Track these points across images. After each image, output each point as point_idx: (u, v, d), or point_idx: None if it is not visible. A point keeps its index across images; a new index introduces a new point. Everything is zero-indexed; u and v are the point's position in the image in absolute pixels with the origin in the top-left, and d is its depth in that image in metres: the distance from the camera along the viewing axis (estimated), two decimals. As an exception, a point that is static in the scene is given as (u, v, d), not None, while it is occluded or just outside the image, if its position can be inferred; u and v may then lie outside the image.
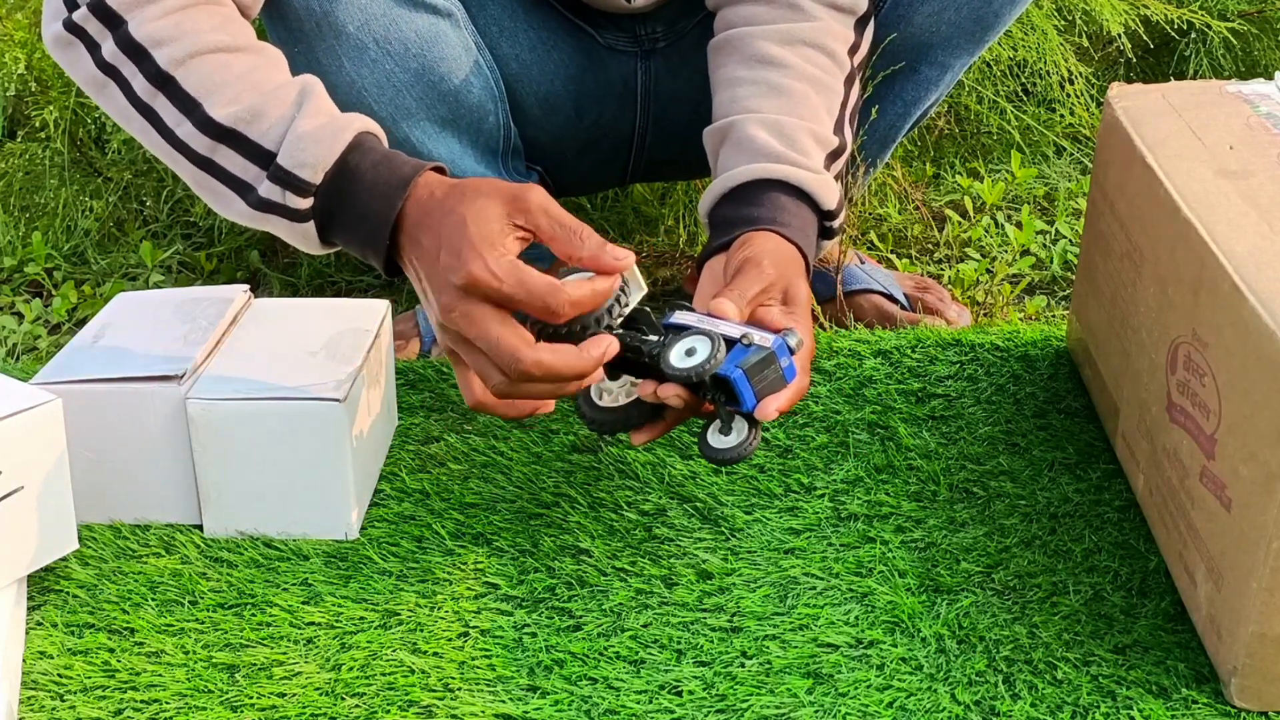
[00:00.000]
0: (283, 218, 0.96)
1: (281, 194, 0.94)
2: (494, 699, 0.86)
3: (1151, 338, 0.96)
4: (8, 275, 1.58)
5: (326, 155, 0.93)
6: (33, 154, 1.66)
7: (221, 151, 0.95)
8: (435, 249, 0.89)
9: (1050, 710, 0.83)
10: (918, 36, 1.24)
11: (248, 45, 0.98)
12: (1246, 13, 1.84)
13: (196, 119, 0.95)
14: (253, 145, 0.94)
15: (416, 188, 0.93)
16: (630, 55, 1.29)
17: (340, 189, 0.94)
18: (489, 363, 0.89)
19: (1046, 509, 1.02)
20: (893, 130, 1.31)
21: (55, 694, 0.87)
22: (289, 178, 0.94)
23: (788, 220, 1.04)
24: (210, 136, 0.95)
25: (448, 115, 1.17)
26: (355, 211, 0.94)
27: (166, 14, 0.96)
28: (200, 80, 0.95)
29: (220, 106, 0.95)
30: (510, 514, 1.04)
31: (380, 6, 1.09)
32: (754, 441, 0.94)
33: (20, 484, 0.92)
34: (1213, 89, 1.08)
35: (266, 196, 0.95)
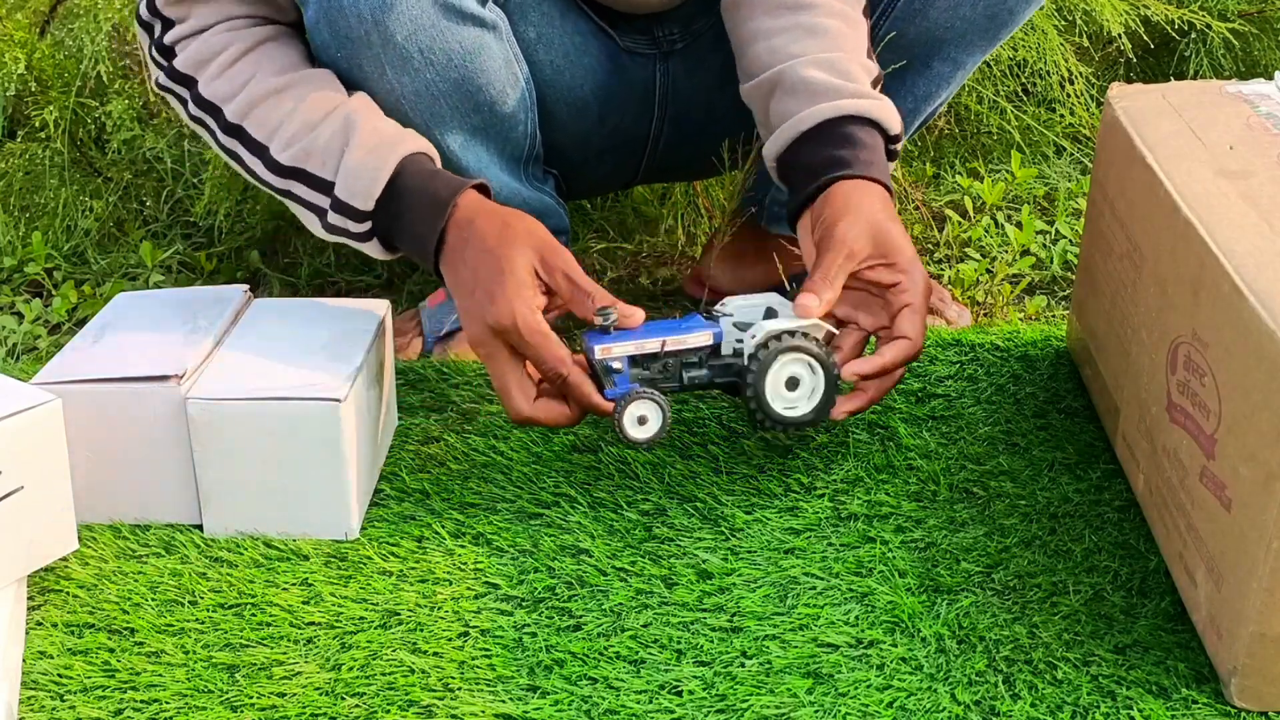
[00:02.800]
0: (350, 239, 1.08)
1: (344, 221, 1.07)
2: (494, 699, 0.86)
3: (1151, 338, 0.96)
4: (8, 275, 1.58)
5: (373, 185, 1.04)
6: (33, 154, 1.66)
7: (294, 185, 1.08)
8: (471, 283, 1.01)
9: (1050, 710, 0.83)
10: (932, 32, 1.24)
11: (294, 80, 1.09)
12: (1246, 13, 1.83)
13: (267, 162, 1.08)
14: (315, 178, 1.07)
15: (456, 209, 1.04)
16: (649, 58, 1.30)
17: (391, 211, 1.05)
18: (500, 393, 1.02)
19: (1046, 509, 1.02)
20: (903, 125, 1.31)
21: (55, 694, 0.87)
22: (345, 207, 1.06)
23: (868, 158, 1.08)
24: (281, 176, 1.08)
25: (480, 125, 1.17)
26: (406, 231, 1.05)
27: (223, 70, 1.09)
28: (260, 126, 1.08)
29: (281, 149, 1.07)
30: (510, 514, 1.04)
31: (430, 17, 1.09)
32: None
33: (20, 484, 0.92)
34: (1213, 89, 1.08)
35: (334, 223, 1.07)
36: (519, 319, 0.99)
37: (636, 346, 1.00)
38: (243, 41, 1.10)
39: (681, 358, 1.01)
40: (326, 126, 1.06)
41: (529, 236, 1.02)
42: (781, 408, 1.00)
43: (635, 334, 1.01)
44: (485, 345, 1.00)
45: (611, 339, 1.00)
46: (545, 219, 1.28)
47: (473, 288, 1.00)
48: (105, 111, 1.60)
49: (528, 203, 1.25)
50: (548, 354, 0.99)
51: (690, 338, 1.01)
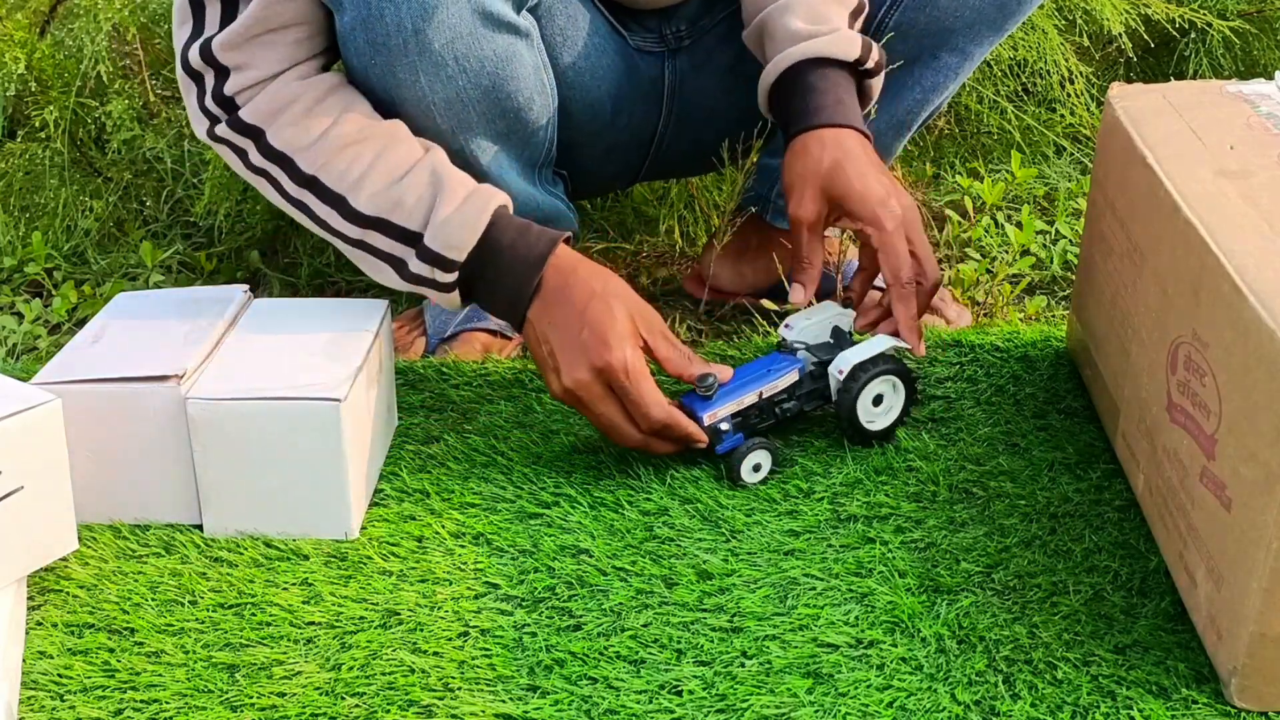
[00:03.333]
0: (431, 289, 1.09)
1: (430, 271, 1.07)
2: (494, 699, 0.86)
3: (1151, 338, 0.96)
4: (8, 275, 1.58)
5: (469, 238, 1.06)
6: (33, 154, 1.66)
7: (371, 235, 1.08)
8: (578, 325, 1.04)
9: (1050, 710, 0.83)
10: (941, 21, 1.24)
11: (374, 132, 1.08)
12: (1246, 12, 1.83)
13: (344, 212, 1.08)
14: (398, 229, 1.07)
15: (556, 257, 1.06)
16: (657, 55, 1.30)
17: (483, 263, 1.07)
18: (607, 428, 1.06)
19: (1046, 509, 1.02)
20: (910, 116, 1.31)
21: (55, 694, 0.87)
22: (437, 259, 1.06)
23: (817, 103, 1.12)
24: (359, 225, 1.08)
25: (504, 130, 1.17)
26: (497, 282, 1.07)
27: (297, 121, 1.08)
28: (339, 178, 1.07)
29: (363, 200, 1.07)
30: (510, 514, 1.04)
31: (467, 25, 1.09)
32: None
33: (20, 484, 0.92)
34: (1213, 89, 1.08)
35: (417, 273, 1.08)
36: (631, 361, 1.03)
37: (738, 404, 1.07)
38: (315, 91, 1.09)
39: (773, 398, 1.09)
40: (413, 179, 1.07)
41: (628, 293, 1.07)
42: (871, 423, 1.10)
43: (732, 389, 1.07)
44: (588, 388, 1.04)
45: (715, 404, 1.06)
46: (556, 223, 1.29)
47: (579, 330, 1.03)
48: (105, 111, 1.60)
49: (540, 207, 1.25)
50: (653, 398, 1.04)
51: (781, 380, 1.09)
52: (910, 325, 1.09)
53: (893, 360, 1.08)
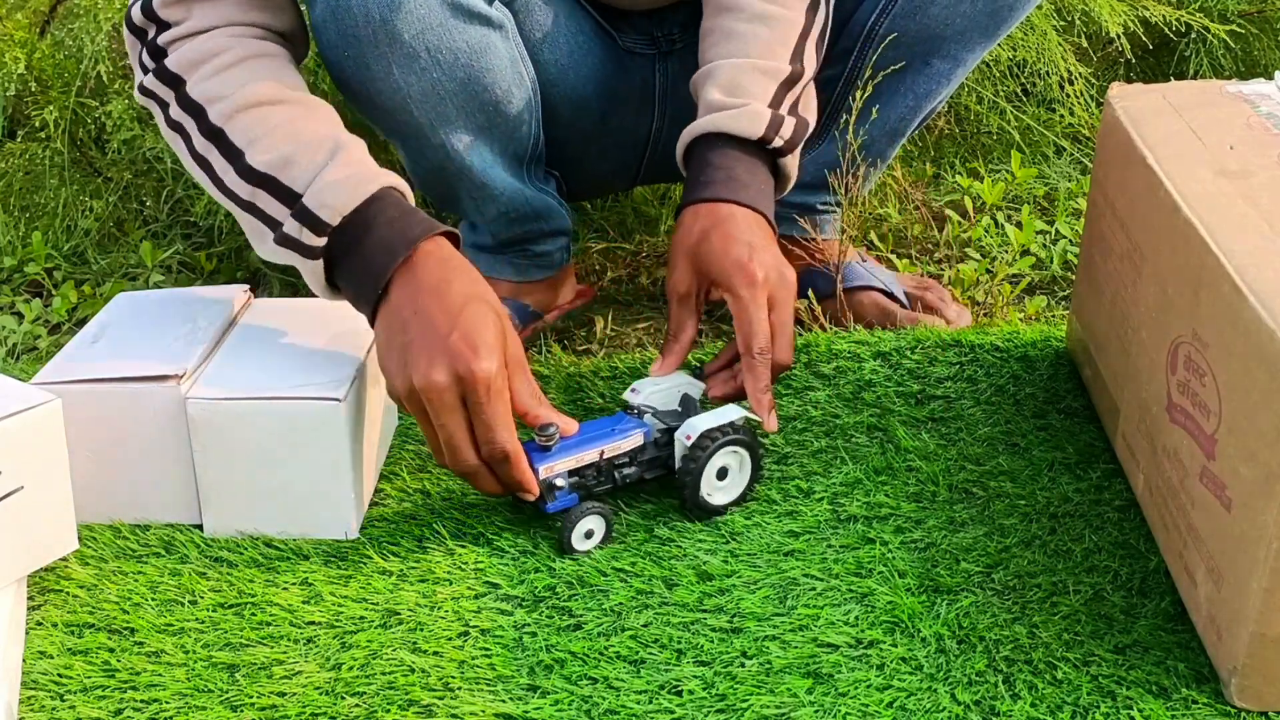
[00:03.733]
0: (297, 253, 1.01)
1: (299, 230, 1.00)
2: (494, 698, 0.86)
3: (1151, 338, 0.96)
4: (8, 275, 1.58)
5: (347, 201, 0.99)
6: (33, 154, 1.66)
7: (260, 195, 1.02)
8: (446, 325, 0.95)
9: (1050, 710, 0.83)
10: (932, 29, 1.24)
11: (290, 98, 1.04)
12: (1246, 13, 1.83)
13: (239, 167, 1.02)
14: (283, 188, 1.01)
15: (437, 247, 0.99)
16: (649, 58, 1.30)
17: (352, 235, 1.00)
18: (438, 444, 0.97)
19: (1046, 509, 1.02)
20: (903, 123, 1.31)
21: (55, 694, 0.87)
22: (309, 216, 1.00)
23: (708, 177, 1.10)
24: (250, 182, 1.02)
25: (485, 124, 1.17)
26: (360, 257, 1.00)
27: (218, 72, 1.04)
28: (243, 132, 1.03)
29: (258, 155, 1.02)
30: (510, 514, 1.04)
31: (437, 16, 1.09)
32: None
33: (20, 484, 0.92)
34: (1213, 89, 1.08)
35: (288, 233, 1.01)
36: (496, 378, 0.95)
37: (577, 460, 1.01)
38: (243, 48, 1.06)
39: (614, 460, 1.03)
40: (314, 145, 1.02)
41: (505, 312, 1.00)
42: (710, 496, 1.03)
43: (572, 444, 1.01)
44: (441, 394, 0.94)
45: (553, 456, 1.00)
46: (549, 219, 1.29)
47: (448, 329, 0.95)
48: (105, 111, 1.60)
49: (530, 202, 1.25)
50: (505, 422, 0.96)
51: (624, 442, 1.02)
52: (759, 397, 1.04)
53: (743, 431, 1.02)
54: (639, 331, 1.40)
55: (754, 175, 1.11)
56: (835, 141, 1.33)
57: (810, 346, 1.22)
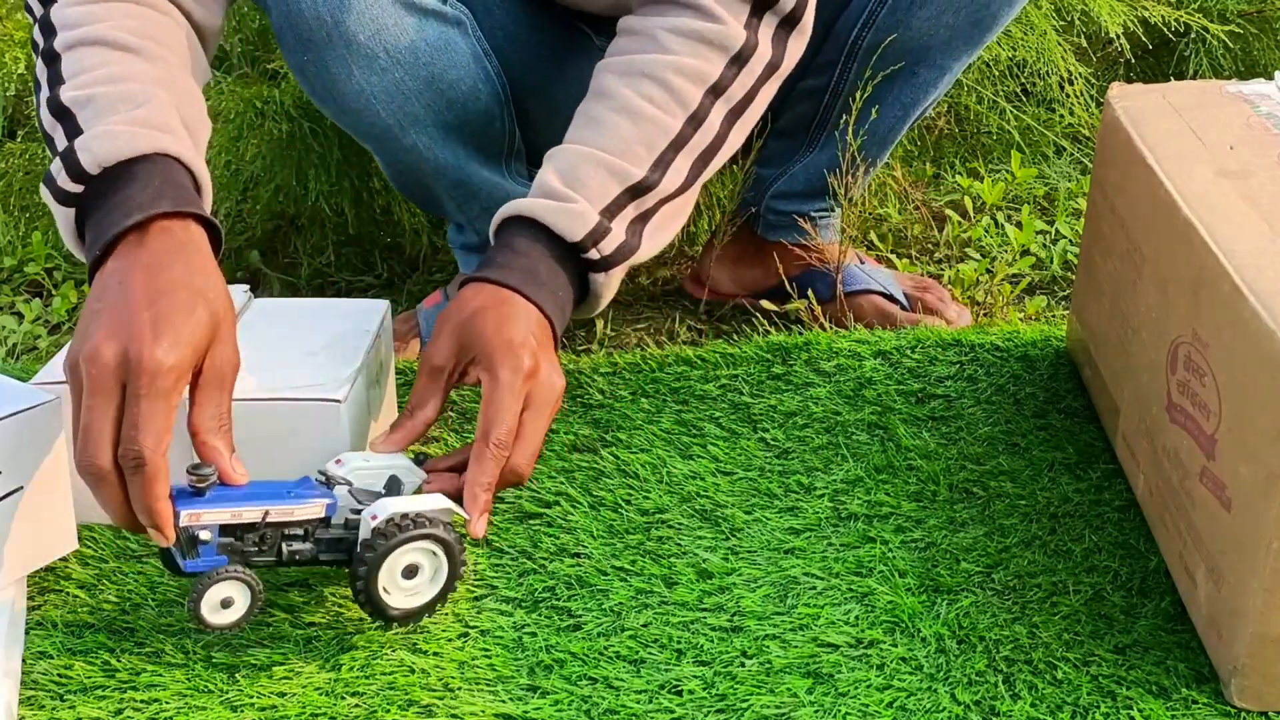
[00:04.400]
0: (51, 196, 0.93)
1: (59, 171, 0.92)
2: (494, 699, 0.86)
3: (1151, 338, 0.96)
4: (8, 275, 1.58)
5: (112, 153, 0.90)
6: (33, 154, 1.66)
7: (58, 129, 0.94)
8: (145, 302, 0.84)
9: (1050, 710, 0.83)
10: (916, 40, 1.24)
11: (142, 48, 0.96)
12: (1246, 13, 1.83)
13: (52, 96, 0.95)
14: (76, 128, 0.93)
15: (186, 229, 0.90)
16: None
17: (105, 189, 0.91)
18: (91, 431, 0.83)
19: (1046, 509, 1.02)
20: (892, 131, 1.31)
21: (55, 694, 0.87)
22: (72, 159, 0.91)
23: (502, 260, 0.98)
24: (53, 114, 0.95)
25: (454, 121, 1.17)
26: (102, 212, 0.90)
27: (82, 2, 0.98)
28: (72, 65, 0.96)
29: (71, 90, 0.95)
30: (510, 514, 1.04)
31: (391, 16, 1.09)
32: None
33: (20, 484, 0.92)
34: (1213, 89, 1.08)
35: (50, 171, 0.93)
36: (167, 375, 0.82)
37: (233, 515, 0.85)
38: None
39: (283, 529, 0.88)
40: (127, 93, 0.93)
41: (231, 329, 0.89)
42: (388, 594, 0.88)
43: (233, 497, 0.86)
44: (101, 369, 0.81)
45: (204, 502, 0.85)
46: None
47: (144, 307, 0.84)
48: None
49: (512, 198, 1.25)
50: (156, 428, 0.81)
51: (299, 508, 0.88)
52: (476, 492, 0.89)
53: (445, 528, 0.88)
54: (638, 331, 1.40)
55: (554, 279, 0.99)
56: (825, 149, 1.33)
57: (811, 344, 1.22)
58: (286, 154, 1.46)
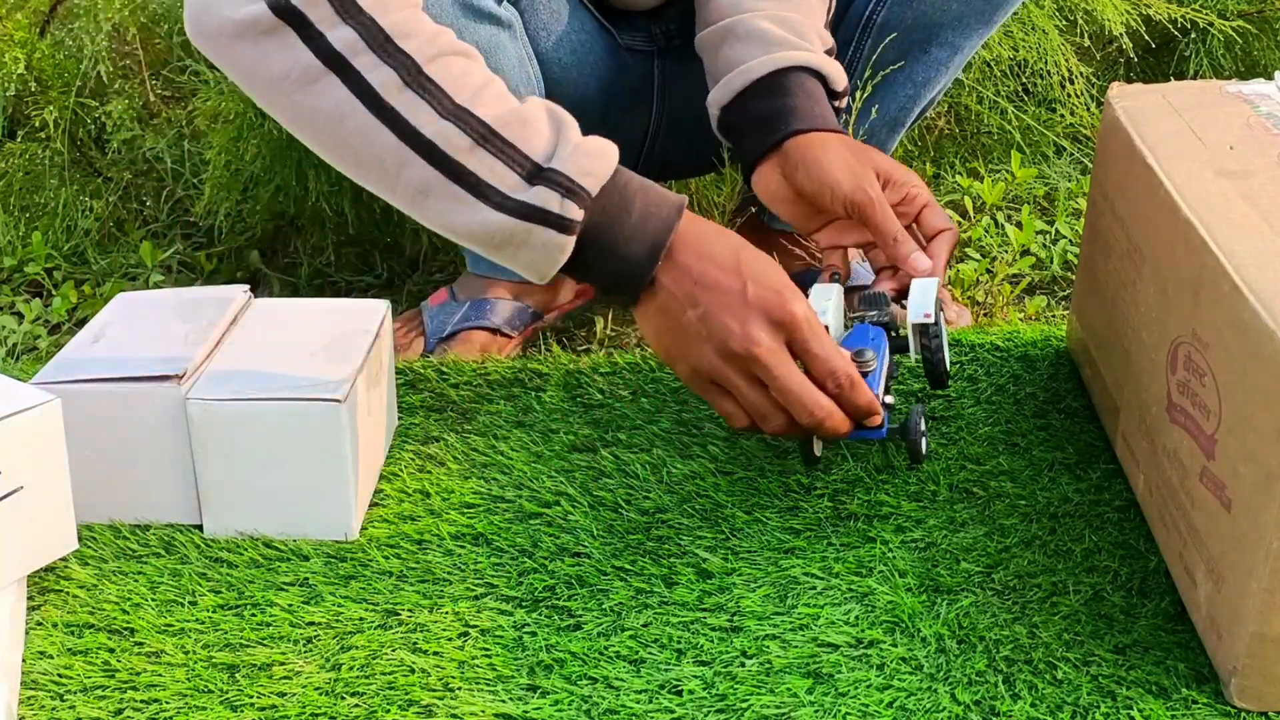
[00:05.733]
0: (550, 228, 0.91)
1: (560, 203, 0.91)
2: (494, 698, 0.86)
3: (1151, 338, 0.96)
4: (8, 275, 1.58)
5: (604, 168, 0.92)
6: (33, 154, 1.66)
7: (480, 155, 0.90)
8: (737, 282, 0.92)
9: (1050, 710, 0.83)
10: (929, 16, 1.24)
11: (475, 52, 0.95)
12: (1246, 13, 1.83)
13: (459, 119, 0.90)
14: (521, 155, 0.91)
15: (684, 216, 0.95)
16: (647, 55, 1.30)
17: (610, 207, 0.92)
18: (773, 405, 0.94)
19: (1046, 509, 1.02)
20: (903, 113, 1.31)
21: (55, 694, 0.87)
22: (572, 186, 0.91)
23: (823, 111, 1.08)
24: (473, 137, 0.90)
25: None
26: (625, 231, 0.92)
27: (406, 7, 0.91)
28: (456, 79, 0.90)
29: (485, 108, 0.91)
30: (510, 514, 1.04)
31: (449, 17, 1.08)
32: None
33: (20, 484, 0.92)
34: (1213, 89, 1.08)
35: (539, 204, 0.91)
36: (809, 311, 0.93)
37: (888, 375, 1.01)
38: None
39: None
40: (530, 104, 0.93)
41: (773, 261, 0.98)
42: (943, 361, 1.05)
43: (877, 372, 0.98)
44: (772, 348, 0.92)
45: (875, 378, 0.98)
46: None
47: (740, 286, 0.92)
48: (105, 111, 1.61)
49: None
50: (837, 349, 0.93)
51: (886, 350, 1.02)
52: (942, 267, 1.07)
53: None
54: (639, 331, 1.40)
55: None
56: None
57: (810, 346, 1.22)
58: (286, 154, 1.46)
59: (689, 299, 0.92)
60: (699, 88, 1.31)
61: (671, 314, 0.93)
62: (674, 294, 0.93)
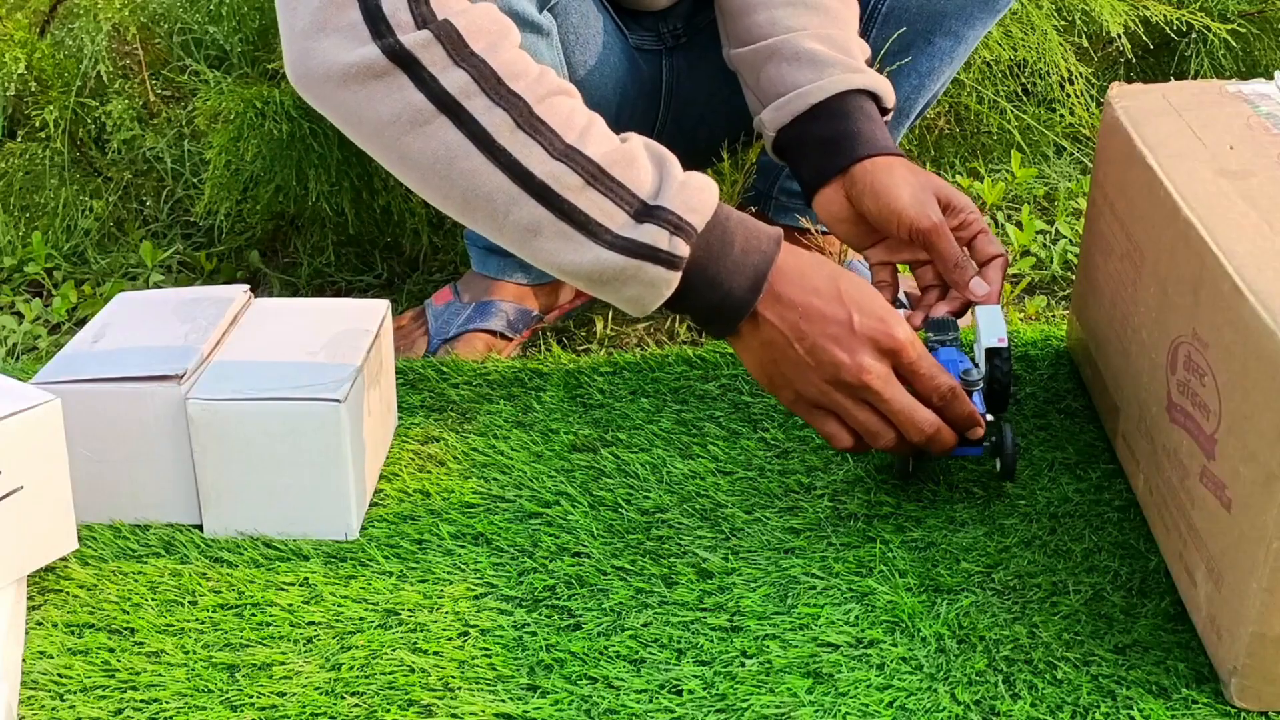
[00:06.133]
0: (658, 265, 0.92)
1: (669, 240, 0.91)
2: (494, 698, 0.86)
3: (1151, 338, 0.96)
4: (8, 275, 1.58)
5: (707, 203, 0.93)
6: (33, 154, 1.66)
7: (589, 194, 0.91)
8: (843, 312, 0.94)
9: (1050, 710, 0.83)
10: (933, 5, 1.24)
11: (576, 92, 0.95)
12: (1247, 13, 1.83)
13: (570, 159, 0.90)
14: (629, 193, 0.91)
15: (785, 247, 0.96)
16: (656, 54, 1.30)
17: (714, 241, 0.93)
18: (883, 423, 0.96)
19: (1046, 509, 1.02)
20: (908, 104, 1.32)
21: (55, 694, 0.87)
22: (680, 222, 0.91)
23: (884, 134, 1.10)
24: (583, 176, 0.91)
25: None
26: (728, 263, 0.93)
27: (513, 46, 0.91)
28: (565, 120, 0.91)
29: (594, 147, 0.91)
30: (510, 514, 1.04)
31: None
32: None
33: (20, 484, 0.92)
34: (1213, 89, 1.08)
35: (648, 242, 0.91)
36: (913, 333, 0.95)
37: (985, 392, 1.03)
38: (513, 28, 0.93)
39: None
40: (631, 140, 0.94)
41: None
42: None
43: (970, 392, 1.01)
44: (882, 374, 0.94)
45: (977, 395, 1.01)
46: None
47: (846, 315, 0.94)
48: (105, 111, 1.61)
49: None
50: (940, 368, 0.96)
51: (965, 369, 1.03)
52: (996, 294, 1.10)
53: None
54: (639, 331, 1.40)
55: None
56: None
57: (810, 346, 1.22)
58: (286, 154, 1.46)
59: (795, 332, 0.94)
60: (704, 85, 1.31)
61: (777, 347, 0.95)
62: (778, 328, 0.95)
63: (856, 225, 1.13)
